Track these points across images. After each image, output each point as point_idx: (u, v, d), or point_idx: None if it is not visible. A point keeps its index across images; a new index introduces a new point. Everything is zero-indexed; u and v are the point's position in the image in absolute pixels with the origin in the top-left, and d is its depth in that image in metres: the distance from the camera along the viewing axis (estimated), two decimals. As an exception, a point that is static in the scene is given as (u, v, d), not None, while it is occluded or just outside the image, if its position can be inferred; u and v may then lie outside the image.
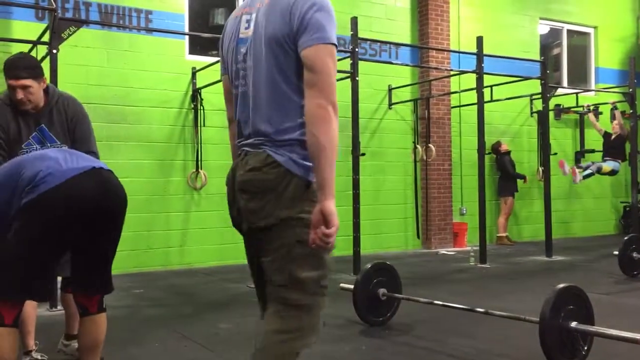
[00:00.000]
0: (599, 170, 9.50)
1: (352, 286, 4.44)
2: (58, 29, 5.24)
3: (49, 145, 3.12)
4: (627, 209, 11.14)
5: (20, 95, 3.06)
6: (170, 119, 7.59)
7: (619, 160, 9.56)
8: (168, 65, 7.59)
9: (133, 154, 7.22)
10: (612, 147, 9.61)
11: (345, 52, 7.02)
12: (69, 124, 3.21)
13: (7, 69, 3.12)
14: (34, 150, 3.04)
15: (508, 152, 9.81)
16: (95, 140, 3.33)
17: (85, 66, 7.02)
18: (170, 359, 3.81)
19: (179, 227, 7.60)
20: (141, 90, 7.34)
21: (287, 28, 1.92)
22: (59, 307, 4.91)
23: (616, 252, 6.54)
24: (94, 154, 3.18)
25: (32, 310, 3.29)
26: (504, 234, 9.83)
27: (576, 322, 3.30)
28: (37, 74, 3.14)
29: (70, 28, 5.36)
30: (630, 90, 9.17)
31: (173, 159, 7.60)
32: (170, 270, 7.33)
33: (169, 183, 7.56)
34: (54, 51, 5.15)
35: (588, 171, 9.49)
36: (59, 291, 3.96)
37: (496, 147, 9.80)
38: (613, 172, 9.65)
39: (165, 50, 7.59)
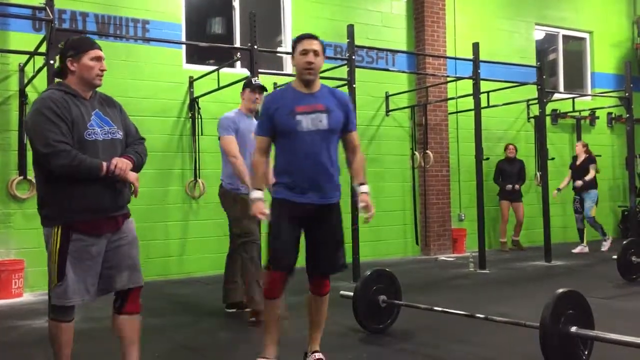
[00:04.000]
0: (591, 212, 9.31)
1: (351, 293, 4.44)
2: (55, 40, 5.24)
3: (106, 128, 3.19)
4: (626, 213, 11.16)
5: (103, 66, 3.23)
6: (168, 128, 7.59)
7: (585, 180, 9.25)
8: (166, 75, 7.60)
9: (131, 164, 7.20)
10: (582, 168, 9.36)
11: (342, 59, 7.04)
12: (120, 114, 3.36)
13: (84, 41, 3.27)
14: (95, 132, 3.11)
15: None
16: None
17: (82, 76, 7.02)
18: (170, 369, 3.80)
19: (178, 236, 7.59)
20: (139, 100, 7.33)
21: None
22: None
23: (615, 257, 6.55)
24: (144, 139, 3.42)
25: (70, 337, 3.21)
26: (506, 239, 9.81)
27: (576, 327, 3.30)
28: None
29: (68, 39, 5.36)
30: (627, 94, 9.19)
31: (171, 168, 7.59)
32: (169, 279, 7.31)
33: (168, 192, 7.56)
34: (52, 62, 5.15)
35: (600, 232, 9.45)
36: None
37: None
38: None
39: (163, 60, 7.59)
